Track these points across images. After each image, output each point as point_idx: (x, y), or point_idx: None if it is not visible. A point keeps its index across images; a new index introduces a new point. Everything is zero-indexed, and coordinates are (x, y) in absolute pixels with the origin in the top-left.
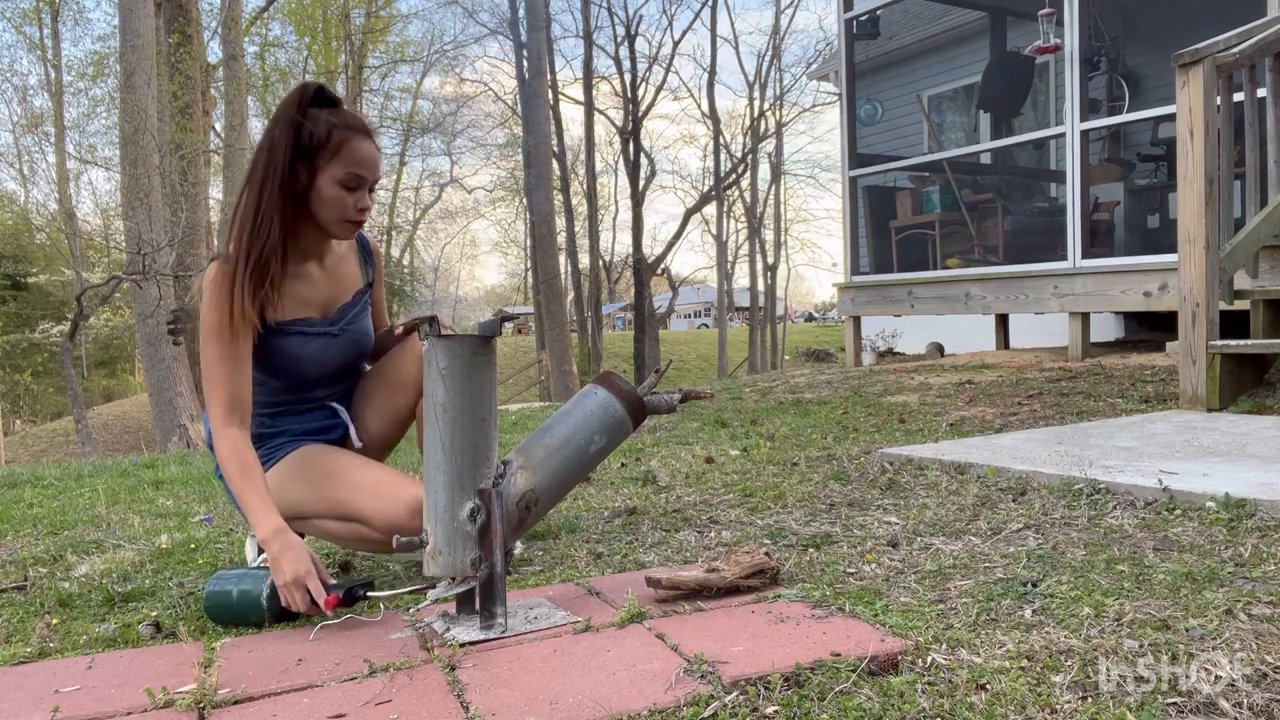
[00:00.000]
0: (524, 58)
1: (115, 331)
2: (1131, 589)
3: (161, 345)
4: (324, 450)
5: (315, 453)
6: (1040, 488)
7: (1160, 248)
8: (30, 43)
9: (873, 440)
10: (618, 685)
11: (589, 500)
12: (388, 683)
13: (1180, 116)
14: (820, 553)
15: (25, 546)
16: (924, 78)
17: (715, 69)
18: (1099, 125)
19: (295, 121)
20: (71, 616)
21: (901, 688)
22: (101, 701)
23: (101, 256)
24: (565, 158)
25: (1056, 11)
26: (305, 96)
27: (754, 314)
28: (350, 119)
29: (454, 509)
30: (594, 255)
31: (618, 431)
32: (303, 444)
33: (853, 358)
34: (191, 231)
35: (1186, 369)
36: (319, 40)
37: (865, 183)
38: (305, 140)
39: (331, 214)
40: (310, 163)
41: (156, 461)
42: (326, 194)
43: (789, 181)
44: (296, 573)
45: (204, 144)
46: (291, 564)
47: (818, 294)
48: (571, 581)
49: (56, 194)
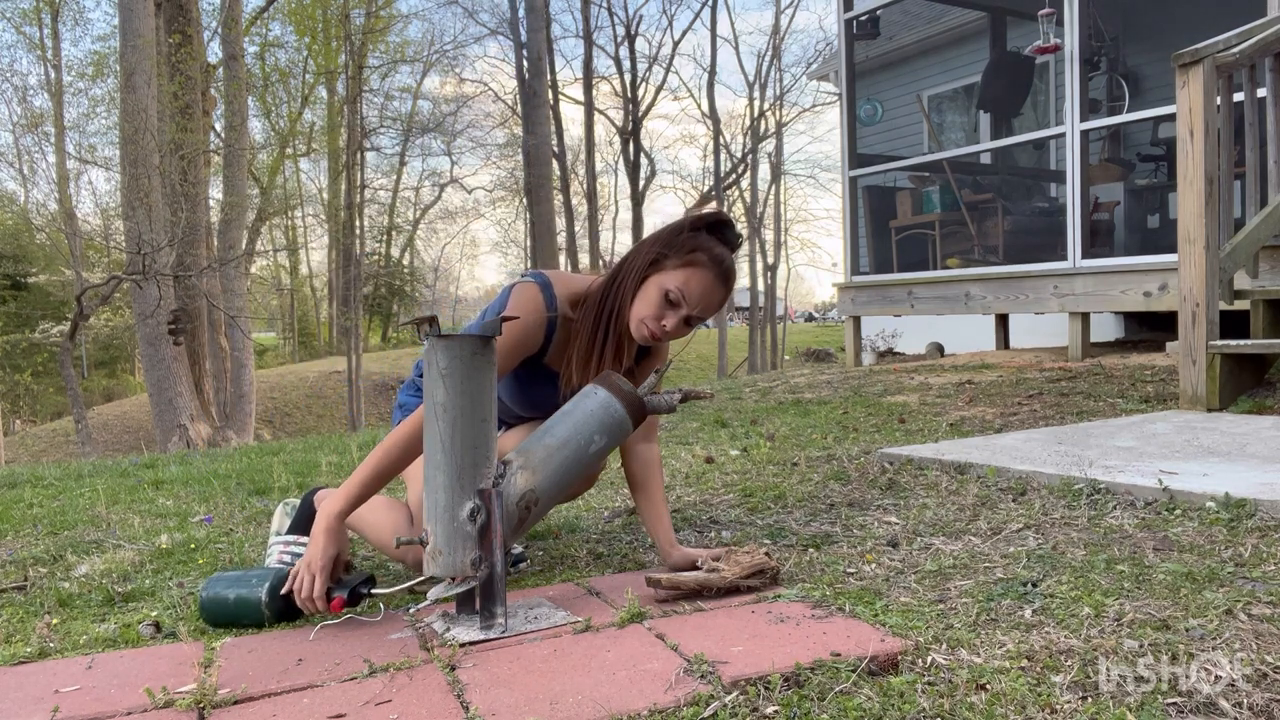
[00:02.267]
0: (524, 58)
1: (115, 331)
2: (1131, 589)
3: (161, 345)
4: None
5: None
6: (1040, 488)
7: (1160, 248)
8: (30, 43)
9: (873, 440)
10: (618, 685)
11: (589, 500)
12: (388, 683)
13: (1180, 116)
14: (820, 553)
15: (25, 546)
16: (924, 78)
17: (715, 69)
18: (1099, 125)
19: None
20: (71, 616)
21: (901, 688)
22: (101, 701)
23: (101, 256)
24: (565, 158)
25: (1056, 11)
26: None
27: (754, 314)
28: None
29: (454, 509)
30: (594, 255)
31: (618, 431)
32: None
33: (853, 358)
34: (191, 231)
35: (1186, 369)
36: (319, 40)
37: (865, 183)
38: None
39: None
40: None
41: (156, 461)
42: (646, 294)
43: (789, 181)
44: (316, 558)
45: (204, 144)
46: (323, 549)
47: (818, 294)
48: (571, 581)
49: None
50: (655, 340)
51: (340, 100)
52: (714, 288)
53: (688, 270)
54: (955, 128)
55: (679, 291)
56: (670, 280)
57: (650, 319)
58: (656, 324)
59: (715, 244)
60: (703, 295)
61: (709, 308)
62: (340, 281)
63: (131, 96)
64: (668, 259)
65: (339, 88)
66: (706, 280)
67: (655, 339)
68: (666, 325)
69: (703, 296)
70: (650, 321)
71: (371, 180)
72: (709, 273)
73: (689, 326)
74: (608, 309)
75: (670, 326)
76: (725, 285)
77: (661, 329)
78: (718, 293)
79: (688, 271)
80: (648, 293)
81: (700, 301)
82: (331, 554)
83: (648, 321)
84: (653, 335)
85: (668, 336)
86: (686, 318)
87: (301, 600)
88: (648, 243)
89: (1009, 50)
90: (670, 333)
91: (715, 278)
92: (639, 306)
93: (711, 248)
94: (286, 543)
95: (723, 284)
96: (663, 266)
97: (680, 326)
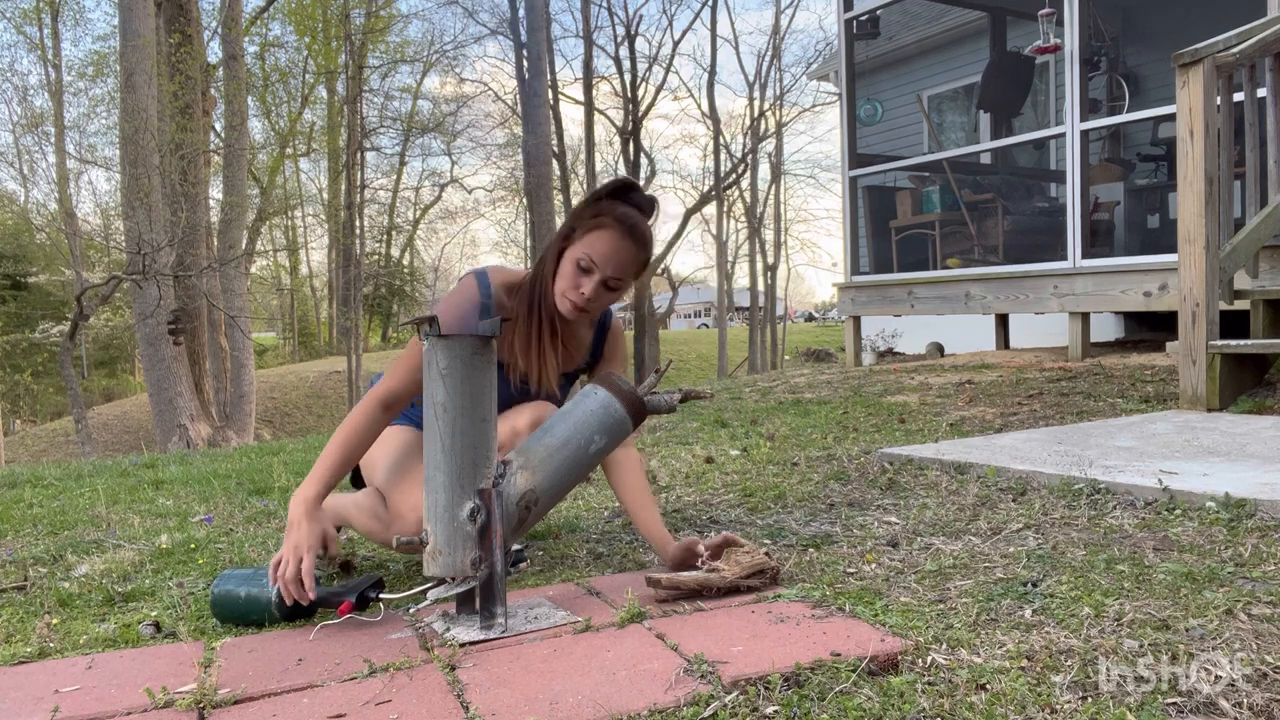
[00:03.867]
0: (524, 58)
1: (115, 331)
2: (1131, 589)
3: (161, 345)
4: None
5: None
6: (1040, 488)
7: (1160, 248)
8: (30, 43)
9: (873, 440)
10: (618, 685)
11: (589, 500)
12: (388, 683)
13: (1180, 116)
14: (820, 553)
15: (25, 546)
16: (924, 78)
17: (715, 69)
18: (1099, 125)
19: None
20: (71, 616)
21: (901, 688)
22: (101, 701)
23: (101, 256)
24: (565, 158)
25: (1056, 11)
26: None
27: (754, 314)
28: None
29: (454, 509)
30: None
31: (618, 431)
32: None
33: (853, 358)
34: (191, 231)
35: (1186, 369)
36: (319, 40)
37: (865, 183)
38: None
39: (559, 284)
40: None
41: (156, 461)
42: (564, 268)
43: (789, 181)
44: (300, 543)
45: (204, 144)
46: (308, 532)
47: (818, 294)
48: (571, 581)
49: (56, 194)
50: (580, 312)
51: (340, 100)
52: (621, 245)
53: (593, 234)
54: (955, 128)
55: (588, 256)
56: (579, 249)
57: (569, 290)
58: (576, 293)
59: (619, 205)
60: (612, 254)
61: (621, 266)
62: (340, 281)
63: (131, 96)
64: (576, 231)
65: (339, 88)
66: (613, 240)
67: (580, 309)
68: (585, 292)
69: (612, 255)
70: (570, 293)
71: (371, 180)
72: (614, 232)
73: (611, 290)
74: (536, 292)
75: (589, 292)
76: (635, 242)
77: (582, 297)
78: (627, 250)
79: (593, 235)
80: (564, 267)
81: (610, 261)
82: (318, 533)
83: (568, 294)
84: (576, 306)
85: (591, 304)
86: (604, 281)
87: (287, 581)
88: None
89: (1009, 50)
90: (591, 299)
91: (621, 236)
92: (559, 282)
93: (614, 209)
94: None
95: (631, 242)
96: (573, 239)
97: (600, 291)
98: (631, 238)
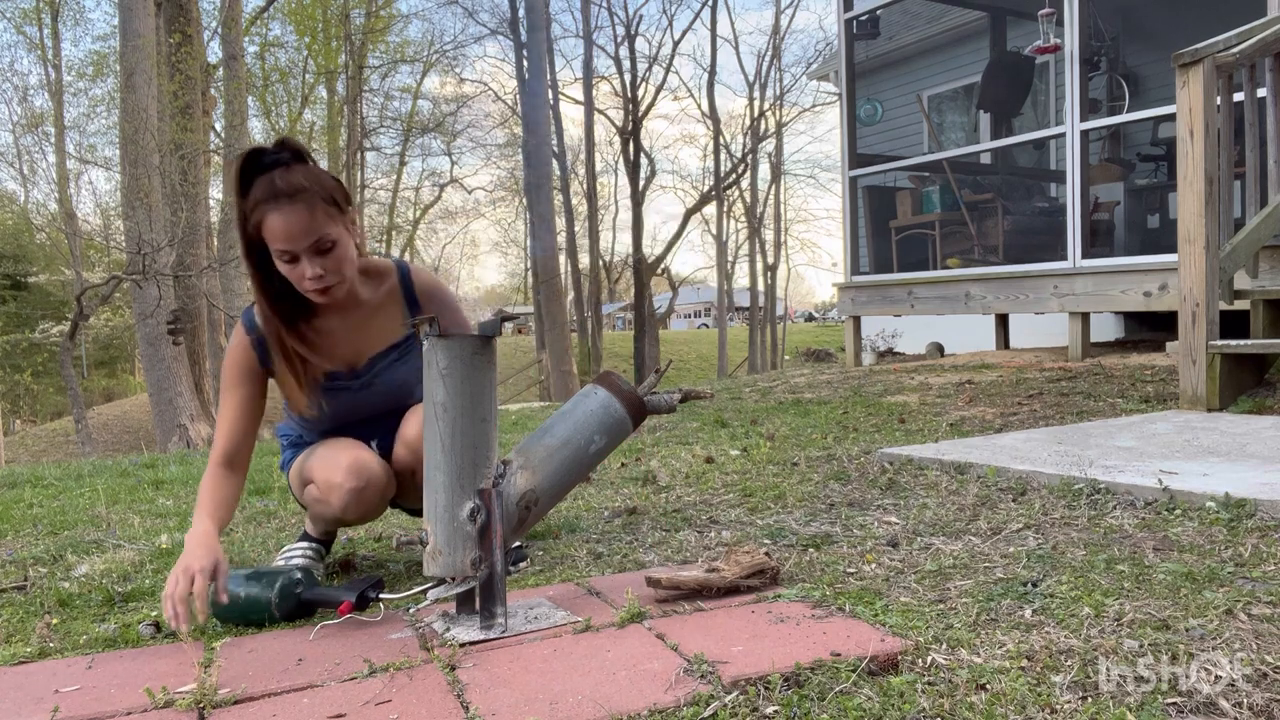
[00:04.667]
0: (524, 58)
1: (115, 331)
2: (1131, 589)
3: (161, 345)
4: (341, 438)
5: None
6: (1040, 488)
7: (1160, 248)
8: (30, 43)
9: (873, 440)
10: (618, 685)
11: (589, 500)
12: (388, 682)
13: (1180, 116)
14: (820, 553)
15: (25, 546)
16: (924, 78)
17: (715, 69)
18: (1099, 125)
19: (240, 212)
20: (71, 616)
21: (901, 688)
22: (101, 701)
23: (101, 256)
24: (565, 158)
25: (1056, 11)
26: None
27: (754, 314)
28: (263, 191)
29: (454, 509)
30: (594, 255)
31: (618, 431)
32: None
33: (853, 358)
34: (191, 231)
35: (1186, 369)
36: (319, 40)
37: (865, 183)
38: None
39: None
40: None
41: (156, 461)
42: (279, 267)
43: (789, 181)
44: (190, 564)
45: (204, 144)
46: (195, 557)
47: (818, 294)
48: (571, 581)
49: (56, 194)
50: (327, 289)
51: (340, 100)
52: (281, 213)
53: (263, 230)
54: (955, 128)
55: (278, 250)
56: (273, 250)
57: (299, 282)
58: (305, 281)
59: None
60: (285, 228)
61: (296, 227)
62: None
63: (131, 96)
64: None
65: (339, 88)
66: (276, 220)
67: (326, 287)
68: (307, 273)
69: (285, 228)
70: (303, 284)
71: (371, 180)
72: (266, 209)
73: (326, 251)
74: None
75: (310, 271)
76: (286, 199)
77: (314, 279)
78: (295, 214)
79: (265, 233)
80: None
81: (288, 232)
82: (212, 559)
83: (303, 285)
84: (320, 289)
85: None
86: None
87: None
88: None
89: (1009, 50)
90: (319, 274)
91: (272, 206)
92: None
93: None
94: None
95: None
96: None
97: (315, 265)
98: (280, 198)
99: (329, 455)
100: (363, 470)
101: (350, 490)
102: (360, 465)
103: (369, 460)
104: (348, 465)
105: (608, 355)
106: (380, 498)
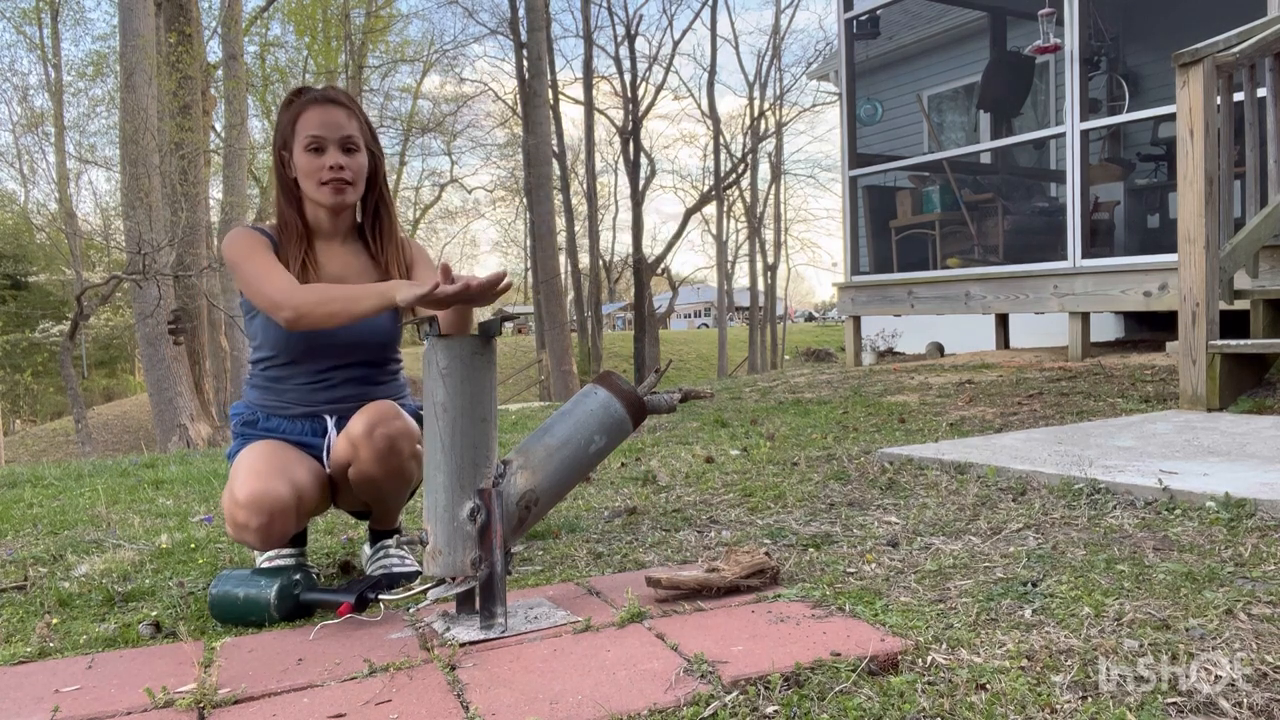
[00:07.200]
0: (524, 58)
1: (115, 331)
2: (1131, 589)
3: (161, 345)
4: (271, 446)
5: (261, 446)
6: (1040, 487)
7: (1160, 247)
8: (30, 43)
9: (873, 440)
10: (618, 685)
11: (589, 500)
12: (388, 682)
13: (1180, 116)
14: (820, 553)
15: (25, 546)
16: (924, 78)
17: (715, 69)
18: (1099, 125)
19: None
20: (71, 616)
21: (901, 687)
22: (101, 701)
23: (101, 256)
24: (565, 158)
25: (1056, 11)
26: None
27: (754, 314)
28: (310, 94)
29: (454, 509)
30: (594, 255)
31: (618, 431)
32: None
33: (853, 358)
34: (191, 231)
35: (1186, 369)
36: (319, 40)
37: (865, 182)
38: (282, 129)
39: (309, 184)
40: (289, 146)
41: (156, 461)
42: (301, 166)
43: (789, 181)
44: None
45: (204, 144)
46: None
47: (818, 294)
48: (571, 581)
49: (56, 194)
50: (342, 190)
51: None
52: (327, 111)
53: (300, 123)
54: (955, 128)
55: (309, 136)
56: (299, 143)
57: (316, 172)
58: (326, 172)
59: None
60: (321, 117)
61: (339, 124)
62: None
63: (131, 96)
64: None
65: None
66: (317, 111)
67: (341, 182)
68: (328, 163)
69: (321, 117)
70: (321, 174)
71: None
72: (313, 107)
73: (352, 151)
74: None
75: (332, 161)
76: (335, 104)
77: (333, 172)
78: (334, 112)
79: (300, 123)
80: (299, 164)
81: (329, 125)
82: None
83: (320, 175)
84: (335, 183)
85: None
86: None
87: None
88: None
89: (1009, 50)
90: (342, 169)
91: (320, 106)
92: (305, 181)
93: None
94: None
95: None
96: (290, 146)
97: (342, 157)
98: (330, 102)
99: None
100: (263, 504)
101: (255, 529)
102: (259, 499)
103: (271, 490)
104: (246, 499)
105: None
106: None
